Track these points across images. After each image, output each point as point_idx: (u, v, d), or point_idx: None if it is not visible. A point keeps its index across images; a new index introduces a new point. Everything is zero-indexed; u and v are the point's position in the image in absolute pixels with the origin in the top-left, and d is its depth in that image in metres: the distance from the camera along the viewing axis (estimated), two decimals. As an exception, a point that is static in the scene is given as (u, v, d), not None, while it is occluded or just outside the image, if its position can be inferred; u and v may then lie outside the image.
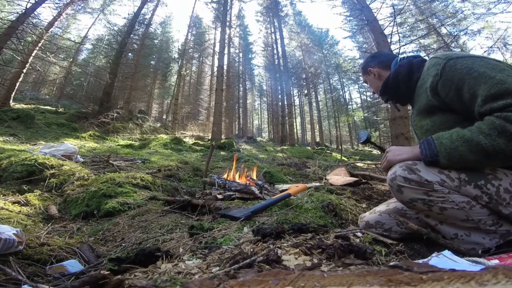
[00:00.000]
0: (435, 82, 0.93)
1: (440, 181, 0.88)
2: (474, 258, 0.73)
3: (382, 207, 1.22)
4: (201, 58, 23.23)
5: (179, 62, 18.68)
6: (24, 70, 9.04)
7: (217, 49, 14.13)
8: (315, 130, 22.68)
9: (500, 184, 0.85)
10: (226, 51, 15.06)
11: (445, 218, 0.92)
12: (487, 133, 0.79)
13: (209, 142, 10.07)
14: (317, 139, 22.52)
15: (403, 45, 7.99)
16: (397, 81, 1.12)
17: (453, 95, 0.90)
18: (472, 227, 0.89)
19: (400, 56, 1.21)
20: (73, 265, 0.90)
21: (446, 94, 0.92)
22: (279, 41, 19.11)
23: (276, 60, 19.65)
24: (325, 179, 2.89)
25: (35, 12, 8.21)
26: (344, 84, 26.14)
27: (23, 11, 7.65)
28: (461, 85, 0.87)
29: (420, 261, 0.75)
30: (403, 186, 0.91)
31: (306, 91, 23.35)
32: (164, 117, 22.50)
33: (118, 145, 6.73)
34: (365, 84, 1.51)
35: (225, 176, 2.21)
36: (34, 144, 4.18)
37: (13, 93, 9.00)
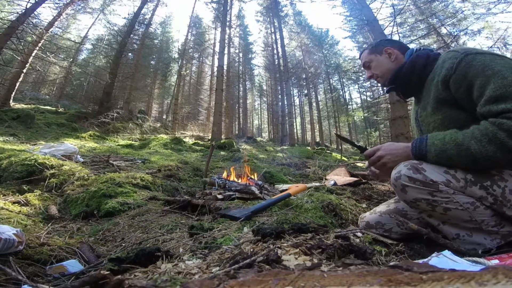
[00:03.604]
0: (448, 75, 0.90)
1: (446, 181, 0.86)
2: (474, 258, 0.73)
3: (382, 208, 1.21)
4: (201, 58, 23.23)
5: (179, 62, 18.68)
6: (24, 70, 9.03)
7: (217, 49, 14.13)
8: (315, 130, 22.68)
9: (505, 186, 0.84)
10: (226, 51, 15.06)
11: (448, 218, 0.91)
12: (479, 138, 0.78)
13: (209, 142, 10.07)
14: (317, 139, 22.52)
15: (403, 45, 7.96)
16: (412, 71, 1.06)
17: (463, 92, 0.87)
18: (475, 227, 0.88)
19: (415, 47, 1.15)
20: (73, 265, 0.90)
21: (456, 89, 0.89)
22: (279, 41, 19.13)
23: (276, 60, 19.66)
24: (325, 179, 2.89)
25: (35, 12, 8.21)
26: (344, 84, 26.15)
27: (23, 11, 7.65)
28: (473, 82, 0.84)
29: (420, 261, 0.75)
30: (407, 186, 0.90)
31: (306, 91, 23.36)
32: (164, 117, 22.50)
33: (118, 145, 6.73)
34: (362, 69, 1.31)
35: (224, 175, 2.21)
36: (34, 144, 4.17)
37: (13, 93, 9.00)
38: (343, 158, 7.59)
